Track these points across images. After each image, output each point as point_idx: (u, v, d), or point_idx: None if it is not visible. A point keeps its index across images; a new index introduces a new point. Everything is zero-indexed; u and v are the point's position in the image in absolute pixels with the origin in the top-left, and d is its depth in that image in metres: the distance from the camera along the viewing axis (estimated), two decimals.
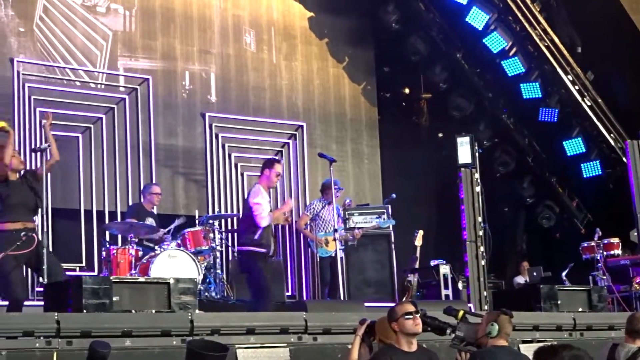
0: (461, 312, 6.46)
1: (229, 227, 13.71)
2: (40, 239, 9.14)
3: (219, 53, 14.97)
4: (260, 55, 15.41)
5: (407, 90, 17.30)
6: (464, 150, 12.38)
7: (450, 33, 16.15)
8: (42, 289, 10.16)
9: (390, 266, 13.11)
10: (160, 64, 14.37)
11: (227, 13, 15.19)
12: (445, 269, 13.08)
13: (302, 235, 13.80)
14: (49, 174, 11.73)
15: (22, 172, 9.52)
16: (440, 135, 16.89)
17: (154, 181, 13.08)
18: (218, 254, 12.07)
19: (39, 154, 11.75)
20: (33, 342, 7.24)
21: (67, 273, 11.98)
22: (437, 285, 13.09)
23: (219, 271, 11.89)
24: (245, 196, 11.01)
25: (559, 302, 10.41)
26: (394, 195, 13.45)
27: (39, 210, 9.41)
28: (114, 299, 8.07)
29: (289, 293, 13.61)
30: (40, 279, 8.98)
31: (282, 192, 14.47)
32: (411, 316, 6.46)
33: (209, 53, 14.89)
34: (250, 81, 15.21)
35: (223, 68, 14.95)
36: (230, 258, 13.18)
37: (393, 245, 13.16)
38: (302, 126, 14.94)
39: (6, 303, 8.97)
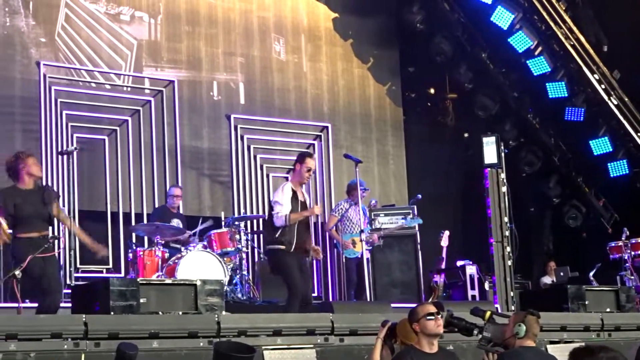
0: (488, 313, 6.43)
1: (255, 229, 13.71)
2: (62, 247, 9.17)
3: (244, 55, 15.00)
4: (285, 57, 15.43)
5: (432, 91, 17.27)
6: (490, 150, 12.34)
7: (475, 33, 16.10)
8: (69, 291, 10.24)
9: (417, 267, 13.06)
10: (185, 67, 14.41)
11: (252, 15, 15.21)
12: (471, 270, 13.04)
13: (327, 235, 13.78)
14: (74, 177, 11.86)
15: (42, 184, 9.48)
16: (466, 135, 16.85)
17: (179, 183, 13.10)
18: (244, 256, 12.09)
19: (65, 156, 11.90)
20: (61, 343, 7.28)
21: (94, 275, 12.12)
22: (463, 286, 13.05)
23: (245, 272, 11.91)
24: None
25: (586, 303, 10.35)
26: (419, 196, 13.41)
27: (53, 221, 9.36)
28: (141, 300, 8.09)
29: (315, 294, 13.62)
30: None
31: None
32: (433, 317, 6.44)
33: (234, 55, 14.92)
34: (275, 83, 15.22)
35: (248, 70, 14.98)
36: (256, 259, 13.18)
37: (419, 246, 13.12)
38: (327, 127, 14.93)
39: (34, 305, 8.99)
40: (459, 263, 13.36)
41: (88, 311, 7.86)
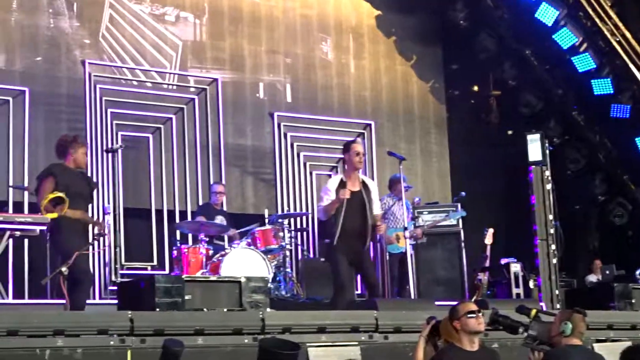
0: (534, 311, 6.41)
1: (299, 226, 13.73)
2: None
3: (287, 53, 15.03)
4: (328, 55, 15.43)
5: (475, 88, 17.17)
6: (534, 148, 12.24)
7: (519, 29, 16.00)
8: (115, 288, 10.32)
9: (460, 265, 13.01)
10: (229, 66, 14.46)
11: (295, 12, 15.23)
12: (516, 268, 12.94)
13: None
14: (119, 175, 11.97)
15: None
16: (510, 132, 16.74)
17: (223, 181, 13.16)
18: (288, 253, 12.11)
19: (110, 154, 11.99)
20: (107, 340, 7.34)
21: (139, 272, 12.21)
22: (507, 284, 12.96)
23: (288, 270, 11.92)
24: None
25: (633, 301, 10.27)
26: (463, 193, 13.36)
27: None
28: (186, 297, 8.14)
29: (359, 292, 13.59)
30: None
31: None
32: (474, 315, 6.43)
33: (277, 53, 14.94)
34: (319, 80, 15.23)
35: (291, 68, 15.01)
36: (299, 257, 13.20)
37: (463, 244, 13.07)
38: (370, 125, 14.92)
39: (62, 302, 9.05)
40: (503, 261, 13.27)
41: (133, 308, 7.92)
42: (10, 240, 10.64)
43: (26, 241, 11.41)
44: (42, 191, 8.89)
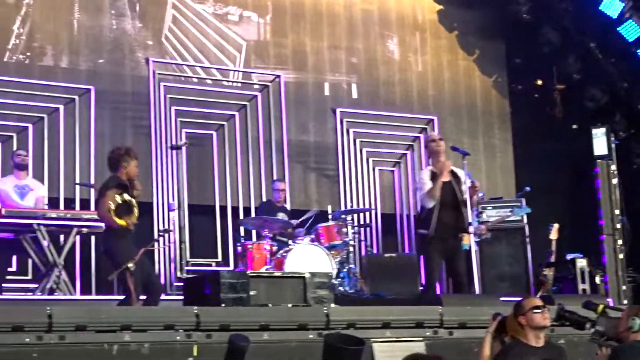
0: (601, 306, 6.34)
1: (362, 222, 13.73)
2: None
3: (349, 48, 15.02)
4: (390, 49, 15.40)
5: (539, 82, 16.99)
6: (600, 142, 12.15)
7: (584, 22, 15.81)
8: (181, 284, 10.42)
9: (525, 260, 12.92)
10: (291, 63, 14.51)
11: (356, 7, 15.22)
12: (581, 263, 12.80)
13: None
14: (184, 172, 12.07)
15: None
16: (575, 126, 16.55)
17: (286, 177, 13.20)
18: (351, 249, 12.12)
19: (175, 151, 12.11)
20: (173, 335, 7.42)
21: (204, 268, 12.31)
22: (573, 280, 12.83)
23: (352, 266, 11.93)
24: None
25: None
26: (528, 188, 13.25)
27: None
28: (251, 293, 8.20)
29: (422, 288, 13.57)
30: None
31: (410, 184, 14.42)
32: (539, 310, 6.40)
33: (339, 49, 14.95)
34: (381, 75, 15.21)
35: (353, 63, 15.00)
36: (363, 253, 13.20)
37: (527, 239, 12.97)
38: (433, 120, 14.86)
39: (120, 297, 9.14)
40: (569, 256, 13.15)
41: (199, 303, 7.99)
42: (78, 237, 10.84)
43: (93, 238, 11.56)
44: (106, 202, 8.82)
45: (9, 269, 11.07)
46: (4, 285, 10.74)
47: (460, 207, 9.91)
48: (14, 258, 11.10)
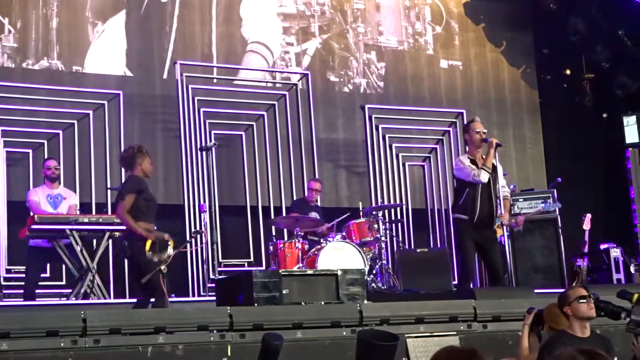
0: (636, 296, 6.27)
1: (393, 218, 13.71)
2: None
3: (376, 44, 15.00)
4: (417, 44, 15.37)
5: (568, 72, 16.90)
6: (631, 130, 12.06)
7: (611, 9, 15.68)
8: (213, 285, 10.44)
9: (559, 251, 12.84)
10: (318, 60, 14.51)
11: (383, 3, 15.20)
12: (615, 253, 12.74)
13: None
14: (214, 173, 12.09)
15: None
16: (605, 115, 16.45)
17: (316, 175, 13.19)
18: (383, 245, 12.10)
19: (204, 153, 12.14)
20: (207, 335, 7.44)
21: (236, 268, 12.33)
22: (607, 270, 12.78)
23: (384, 262, 11.91)
24: None
25: None
26: (559, 179, 13.18)
27: None
28: (284, 291, 8.20)
29: (455, 282, 13.53)
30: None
31: (441, 178, 14.38)
32: (585, 300, 6.35)
33: (366, 45, 14.94)
34: (409, 70, 15.18)
35: (381, 59, 14.98)
36: (395, 248, 13.18)
37: (560, 230, 12.89)
38: (462, 113, 14.80)
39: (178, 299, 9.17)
40: (603, 246, 13.08)
41: (232, 303, 8.00)
42: (110, 241, 10.88)
43: (125, 242, 11.57)
44: (126, 206, 8.67)
45: (43, 275, 11.15)
46: (38, 291, 10.80)
47: (495, 200, 9.89)
48: (48, 264, 11.17)
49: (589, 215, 12.96)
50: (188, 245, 10.71)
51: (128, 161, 8.96)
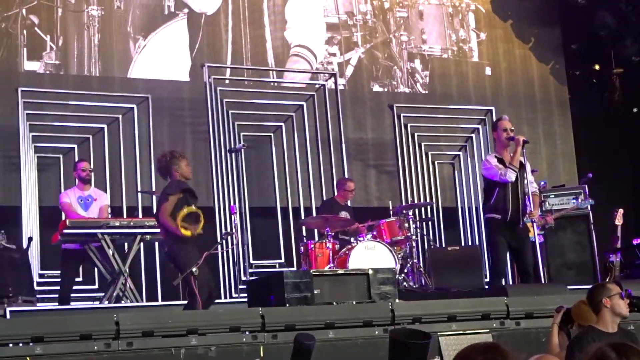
0: None
1: (423, 216, 13.68)
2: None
3: (402, 43, 14.99)
4: (445, 42, 15.34)
5: (597, 67, 16.80)
6: None
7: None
8: (245, 286, 10.46)
9: (591, 247, 12.77)
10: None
11: (408, 2, 15.18)
12: None
13: None
14: (243, 174, 12.14)
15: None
16: (635, 110, 16.34)
17: (346, 175, 13.18)
18: (414, 244, 12.08)
19: (233, 154, 12.19)
20: (240, 337, 7.46)
21: (267, 269, 12.36)
22: None
23: (415, 260, 11.89)
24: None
25: None
26: (590, 175, 13.10)
27: None
28: (315, 292, 8.21)
29: (487, 279, 13.49)
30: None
31: (471, 176, 14.33)
32: (623, 298, 6.32)
33: (392, 44, 14.92)
34: (436, 69, 15.15)
35: (408, 58, 14.96)
36: (426, 247, 13.15)
37: (592, 226, 12.81)
38: (491, 110, 14.73)
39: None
40: (635, 241, 12.98)
41: (264, 304, 8.02)
42: (142, 244, 10.94)
43: (156, 244, 11.66)
44: (168, 207, 8.79)
45: (77, 279, 11.21)
46: (71, 295, 10.87)
47: (524, 198, 9.88)
48: (80, 268, 11.23)
49: (621, 211, 12.85)
50: (219, 247, 10.73)
51: (163, 171, 9.04)
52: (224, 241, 11.06)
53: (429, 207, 13.74)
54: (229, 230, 11.97)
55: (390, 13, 15.03)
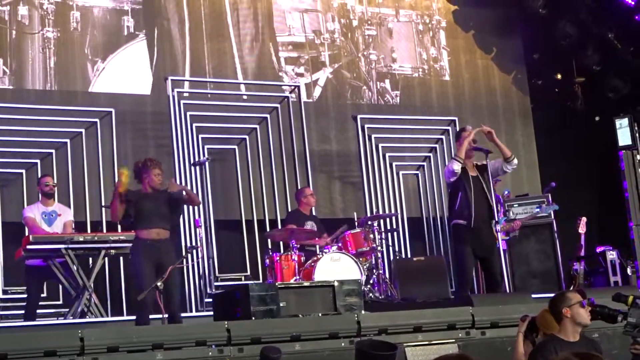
0: (631, 298, 6.28)
1: (389, 227, 13.71)
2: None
3: (365, 54, 15.02)
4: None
5: (559, 76, 16.93)
6: (624, 132, 12.06)
7: (601, 13, 15.70)
8: (210, 300, 10.44)
9: (555, 256, 12.85)
10: (310, 72, 14.53)
11: (370, 12, 15.23)
12: (612, 255, 12.75)
13: None
14: (208, 187, 12.14)
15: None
16: (597, 118, 16.47)
17: (310, 187, 13.17)
18: (379, 255, 12.09)
19: (198, 167, 12.16)
20: (206, 350, 7.45)
21: (233, 283, 12.33)
22: (605, 273, 12.78)
23: (381, 271, 11.90)
24: None
25: None
26: (553, 184, 13.20)
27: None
28: (281, 304, 8.21)
29: (453, 289, 13.52)
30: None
31: (435, 186, 14.38)
32: (584, 307, 6.35)
33: (355, 55, 14.94)
34: (406, 88, 15.18)
35: (370, 68, 14.98)
36: (391, 258, 13.17)
37: (556, 234, 12.90)
38: (454, 121, 14.81)
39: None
40: (599, 249, 13.08)
41: (230, 318, 8.00)
42: (106, 259, 10.88)
43: (121, 259, 11.60)
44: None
45: (42, 295, 11.13)
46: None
47: (490, 202, 9.97)
48: (45, 284, 11.15)
49: (584, 219, 12.96)
50: (184, 260, 10.70)
51: (136, 175, 9.60)
52: (189, 255, 11.02)
53: (394, 217, 13.76)
54: (194, 244, 11.94)
55: (358, 31, 15.04)
